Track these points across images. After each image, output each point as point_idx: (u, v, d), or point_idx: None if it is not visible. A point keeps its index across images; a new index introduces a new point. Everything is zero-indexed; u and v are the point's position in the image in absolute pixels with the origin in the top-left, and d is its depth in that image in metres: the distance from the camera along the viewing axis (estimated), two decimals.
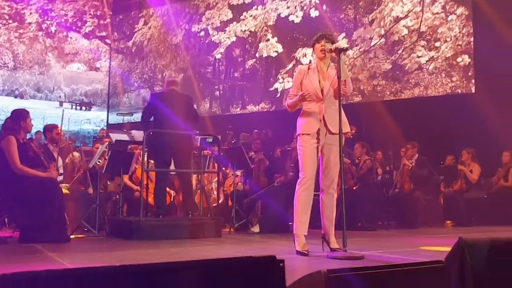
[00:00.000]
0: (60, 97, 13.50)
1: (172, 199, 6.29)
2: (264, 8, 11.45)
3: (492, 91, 7.94)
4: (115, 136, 5.94)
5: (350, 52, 9.82)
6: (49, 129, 5.82)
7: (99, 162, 5.62)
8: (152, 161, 6.90)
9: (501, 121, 7.25)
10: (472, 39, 8.83)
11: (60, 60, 13.64)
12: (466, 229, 6.20)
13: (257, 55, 11.54)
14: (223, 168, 6.88)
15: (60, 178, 5.41)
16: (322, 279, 1.93)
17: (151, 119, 5.38)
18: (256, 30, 11.55)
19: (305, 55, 10.55)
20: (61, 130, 5.89)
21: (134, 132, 5.96)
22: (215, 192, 6.45)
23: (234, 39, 11.90)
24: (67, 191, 5.51)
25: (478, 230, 5.96)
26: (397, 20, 9.60)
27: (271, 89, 11.24)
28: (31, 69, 13.17)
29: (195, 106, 6.23)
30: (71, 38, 13.77)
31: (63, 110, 8.47)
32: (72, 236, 4.72)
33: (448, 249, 2.53)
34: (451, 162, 7.46)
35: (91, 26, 13.67)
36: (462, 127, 7.93)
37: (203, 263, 1.70)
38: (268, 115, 10.91)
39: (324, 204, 3.55)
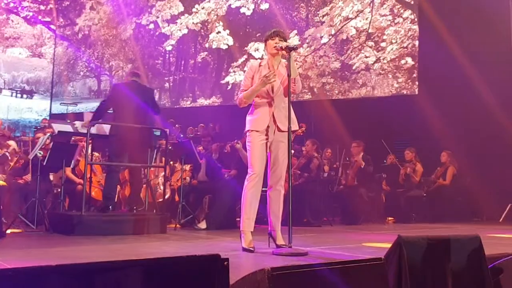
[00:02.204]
0: None
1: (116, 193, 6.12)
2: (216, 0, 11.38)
3: (434, 93, 8.30)
4: (58, 127, 5.67)
5: (301, 50, 9.94)
6: None
7: (40, 153, 5.37)
8: (96, 154, 6.69)
9: (442, 122, 7.60)
10: (417, 42, 9.17)
11: (0, 44, 12.91)
12: (405, 226, 6.45)
13: (206, 45, 11.44)
14: (171, 163, 6.78)
15: None
16: (265, 277, 1.94)
17: (109, 111, 5.19)
18: (208, 19, 11.46)
19: (257, 50, 10.58)
20: None
21: (78, 123, 5.72)
22: (162, 187, 6.34)
23: (185, 31, 11.74)
24: (3, 183, 5.23)
25: (417, 227, 6.22)
26: (346, 19, 9.82)
27: (223, 82, 11.19)
28: None
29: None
30: (12, 21, 13.04)
31: None
32: (8, 231, 4.48)
33: (388, 245, 2.62)
34: (393, 161, 7.73)
35: (32, 11, 12.98)
36: (404, 127, 8.25)
37: (144, 262, 1.66)
38: (219, 109, 10.86)
39: (271, 200, 3.57)
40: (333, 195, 7.15)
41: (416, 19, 9.23)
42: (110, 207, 4.97)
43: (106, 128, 5.22)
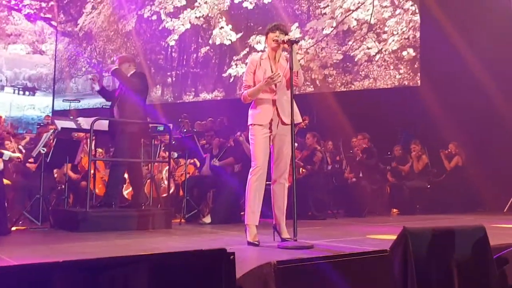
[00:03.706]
0: (1, 80, 12.78)
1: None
2: None
3: (436, 84, 8.26)
4: (61, 124, 5.68)
5: (303, 42, 9.91)
6: None
7: (43, 150, 5.38)
8: (100, 150, 6.70)
9: (445, 113, 7.57)
10: (418, 33, 9.13)
11: (1, 41, 12.89)
12: (410, 218, 6.44)
13: (210, 41, 11.42)
14: (175, 157, 6.79)
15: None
16: (271, 271, 1.95)
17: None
18: (210, 14, 11.43)
19: (259, 42, 10.56)
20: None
21: (80, 119, 5.72)
22: (166, 182, 6.35)
23: (188, 26, 11.71)
24: (8, 181, 5.24)
25: (421, 218, 6.22)
26: (348, 11, 9.77)
27: (225, 75, 11.18)
28: None
29: None
30: (13, 17, 13.02)
31: None
32: (13, 228, 4.50)
33: (393, 237, 2.62)
34: (399, 153, 7.73)
35: (33, 9, 12.95)
36: (408, 118, 8.22)
37: (151, 258, 1.66)
38: (221, 103, 10.86)
39: (276, 194, 3.57)
40: (337, 187, 7.15)
41: (417, 10, 9.18)
42: (113, 204, 4.94)
43: (104, 124, 5.16)
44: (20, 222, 5.06)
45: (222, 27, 11.32)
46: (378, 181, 7.22)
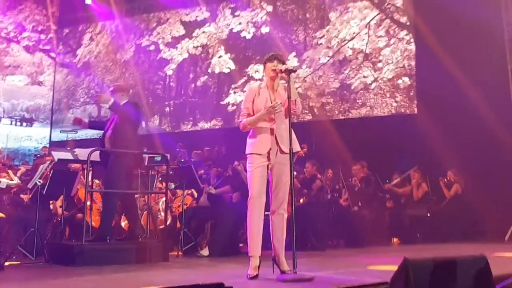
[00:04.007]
0: None
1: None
2: (217, 24, 11.53)
3: (433, 111, 8.30)
4: (58, 155, 5.65)
5: (300, 71, 10.02)
6: None
7: (39, 182, 5.32)
8: (97, 181, 6.64)
9: (442, 140, 7.58)
10: (413, 62, 9.23)
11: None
12: (410, 247, 6.36)
13: (209, 70, 11.54)
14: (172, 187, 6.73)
15: None
16: None
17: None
18: (208, 43, 11.59)
19: (257, 71, 10.67)
20: None
21: (77, 150, 5.69)
22: (162, 213, 6.27)
23: (186, 55, 11.85)
24: (2, 215, 5.17)
25: (422, 247, 6.13)
26: (343, 41, 9.92)
27: (223, 103, 11.25)
28: None
29: None
30: (12, 49, 13.14)
31: None
32: (6, 264, 4.41)
33: (394, 267, 2.57)
34: (398, 182, 7.71)
35: (32, 41, 13.11)
36: (406, 146, 8.22)
37: None
38: (220, 132, 10.87)
39: (274, 225, 3.53)
40: (336, 217, 7.08)
41: (411, 40, 9.32)
42: (108, 239, 4.84)
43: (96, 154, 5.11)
44: (14, 257, 4.96)
45: (220, 56, 11.46)
46: (376, 209, 7.16)
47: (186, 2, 11.95)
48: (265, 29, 10.91)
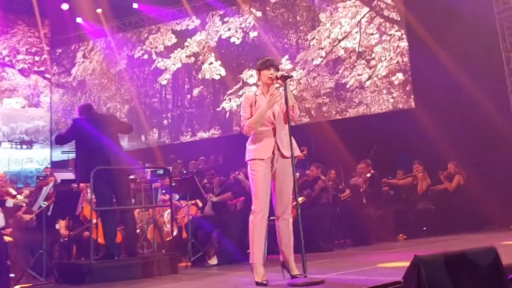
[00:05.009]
0: None
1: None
2: (206, 31, 11.60)
3: (430, 105, 8.32)
4: (60, 176, 5.66)
5: (294, 73, 10.05)
6: None
7: (44, 204, 5.33)
8: None
9: (441, 133, 7.59)
10: (406, 58, 9.27)
11: None
12: (418, 242, 6.34)
13: (199, 76, 11.59)
14: (176, 199, 6.74)
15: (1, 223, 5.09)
16: None
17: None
18: (199, 51, 11.66)
19: (251, 76, 10.70)
20: None
21: None
22: (168, 226, 6.27)
23: (179, 65, 11.90)
24: (9, 239, 5.17)
25: (429, 241, 6.12)
26: (335, 41, 9.96)
27: (219, 109, 11.28)
28: None
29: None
30: (7, 73, 13.17)
31: None
32: (16, 287, 4.40)
33: (404, 264, 2.58)
34: (401, 176, 7.71)
35: (27, 63, 13.15)
36: (406, 141, 8.23)
37: None
38: (219, 141, 10.89)
39: (281, 230, 3.51)
40: (341, 217, 7.07)
41: (403, 36, 9.36)
42: (116, 256, 4.81)
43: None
44: (24, 279, 4.96)
45: (211, 63, 11.52)
46: (382, 206, 7.16)
47: (176, 14, 12.02)
48: (253, 34, 10.99)
